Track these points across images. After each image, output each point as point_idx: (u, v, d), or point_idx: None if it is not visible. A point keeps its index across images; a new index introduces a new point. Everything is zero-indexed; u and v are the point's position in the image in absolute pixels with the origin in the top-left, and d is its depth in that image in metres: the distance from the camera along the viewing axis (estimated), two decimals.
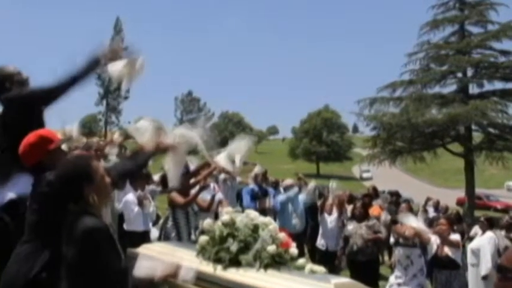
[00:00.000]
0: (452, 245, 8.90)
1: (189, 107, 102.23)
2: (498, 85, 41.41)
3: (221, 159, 6.79)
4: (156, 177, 11.50)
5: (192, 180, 7.94)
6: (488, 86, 41.14)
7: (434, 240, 9.02)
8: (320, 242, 12.24)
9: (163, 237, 7.63)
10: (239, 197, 14.05)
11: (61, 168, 3.39)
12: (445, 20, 43.24)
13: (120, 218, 10.21)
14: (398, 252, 9.52)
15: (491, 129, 40.66)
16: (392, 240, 9.78)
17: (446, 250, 8.91)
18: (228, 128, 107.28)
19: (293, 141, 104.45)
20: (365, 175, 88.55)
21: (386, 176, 64.91)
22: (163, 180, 7.95)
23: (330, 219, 12.19)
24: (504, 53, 41.02)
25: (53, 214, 3.55)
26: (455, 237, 9.07)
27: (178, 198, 7.56)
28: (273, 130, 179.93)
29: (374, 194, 14.86)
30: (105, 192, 3.44)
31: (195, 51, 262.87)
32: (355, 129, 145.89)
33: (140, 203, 10.03)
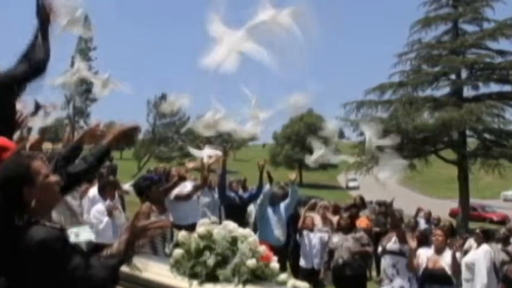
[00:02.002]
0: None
1: (163, 111, 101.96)
2: (494, 87, 41.68)
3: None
4: (126, 185, 11.50)
5: (164, 189, 7.98)
6: (483, 89, 41.44)
7: (425, 252, 9.11)
8: (302, 262, 12.29)
9: (136, 250, 7.61)
10: None
11: None
12: (438, 18, 43.41)
13: None
14: (384, 261, 9.60)
15: (486, 135, 40.93)
16: (380, 249, 9.86)
17: (441, 263, 8.99)
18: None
19: (274, 147, 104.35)
20: (351, 184, 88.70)
21: (374, 185, 65.20)
22: (137, 188, 7.95)
23: (312, 236, 12.22)
24: (501, 53, 41.27)
25: None
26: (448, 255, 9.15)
27: (153, 208, 7.57)
28: (253, 136, 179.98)
29: (361, 204, 14.94)
30: (51, 195, 3.34)
31: (169, 49, 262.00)
32: (341, 135, 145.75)
33: (110, 213, 10.00)
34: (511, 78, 40.68)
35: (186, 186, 10.90)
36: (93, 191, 10.50)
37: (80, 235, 7.91)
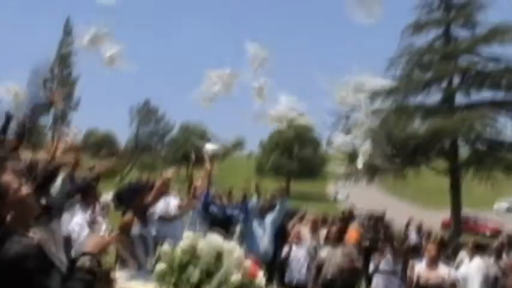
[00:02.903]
0: None
1: (146, 118, 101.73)
2: (487, 95, 41.79)
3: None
4: (106, 196, 11.45)
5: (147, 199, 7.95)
6: (476, 96, 41.53)
7: (417, 267, 9.12)
8: (289, 279, 12.27)
9: (119, 264, 7.59)
10: None
11: None
12: (430, 22, 43.53)
13: (67, 242, 10.11)
14: (376, 280, 9.59)
15: (479, 144, 41.07)
16: (372, 267, 9.85)
17: (434, 278, 9.00)
18: (190, 142, 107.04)
19: (261, 156, 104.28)
20: (340, 195, 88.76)
21: (363, 196, 65.28)
22: (119, 198, 7.92)
23: (300, 249, 12.21)
24: (494, 59, 41.41)
25: None
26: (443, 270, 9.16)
27: (136, 220, 7.54)
28: (239, 144, 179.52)
29: (350, 216, 14.95)
30: (25, 208, 3.33)
31: (152, 55, 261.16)
32: (330, 143, 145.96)
33: (91, 225, 9.95)
34: (504, 85, 40.75)
35: (170, 204, 10.73)
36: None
37: None
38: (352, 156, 43.55)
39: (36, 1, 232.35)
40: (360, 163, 6.39)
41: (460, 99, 42.03)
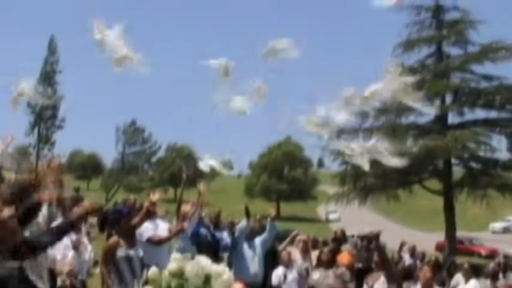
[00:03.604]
0: None
1: (133, 139, 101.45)
2: (480, 113, 41.92)
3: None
4: (91, 219, 11.39)
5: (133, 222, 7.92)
6: (469, 115, 41.64)
7: None
8: None
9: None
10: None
11: None
12: (421, 40, 43.68)
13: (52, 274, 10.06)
14: None
15: (473, 164, 41.16)
16: None
17: None
18: (176, 163, 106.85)
19: (250, 177, 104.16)
20: (331, 216, 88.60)
21: (355, 218, 65.18)
22: (102, 222, 7.89)
23: (290, 272, 12.15)
24: (486, 77, 41.57)
25: None
26: None
27: (121, 242, 7.51)
28: (228, 165, 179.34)
29: (342, 238, 14.89)
30: (5, 231, 3.32)
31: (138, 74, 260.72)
32: (321, 164, 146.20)
33: (75, 247, 9.92)
34: (497, 103, 40.89)
35: (159, 226, 10.63)
36: (56, 224, 10.38)
37: None
38: (344, 177, 43.72)
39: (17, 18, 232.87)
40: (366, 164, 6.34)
41: (453, 118, 42.16)
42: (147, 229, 9.57)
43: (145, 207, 8.07)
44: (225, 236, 13.24)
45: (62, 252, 9.88)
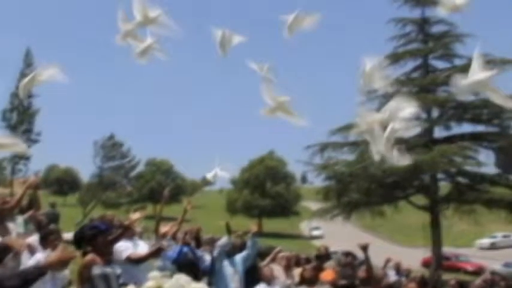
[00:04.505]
0: None
1: (111, 153, 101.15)
2: (467, 128, 42.02)
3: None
4: (68, 235, 11.32)
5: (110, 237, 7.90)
6: (455, 129, 41.75)
7: None
8: None
9: None
10: None
11: None
12: (407, 53, 43.77)
13: None
14: None
15: (460, 179, 41.26)
16: None
17: None
18: (156, 178, 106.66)
19: (232, 193, 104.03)
20: (315, 233, 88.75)
21: (339, 234, 65.25)
22: (77, 239, 7.84)
23: None
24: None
25: None
26: None
27: (97, 260, 7.47)
28: (209, 180, 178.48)
29: (325, 255, 14.89)
30: None
31: (118, 87, 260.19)
32: (304, 179, 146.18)
33: None
34: (484, 117, 41.03)
35: (139, 246, 10.57)
36: (32, 240, 10.32)
37: None
38: (328, 193, 43.70)
39: None
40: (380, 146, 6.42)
41: (439, 132, 42.26)
42: (126, 248, 9.52)
43: (124, 226, 8.06)
44: (206, 258, 13.15)
45: None
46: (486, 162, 40.79)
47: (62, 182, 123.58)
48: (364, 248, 10.21)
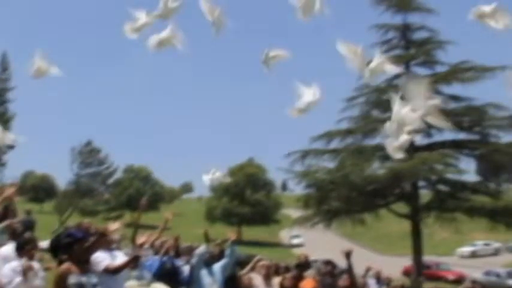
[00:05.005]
0: None
1: (88, 160, 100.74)
2: (448, 135, 42.13)
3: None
4: (44, 243, 11.28)
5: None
6: (437, 136, 41.82)
7: None
8: None
9: None
10: None
11: None
12: (389, 60, 43.66)
13: None
14: None
15: (441, 186, 41.38)
16: None
17: None
18: (134, 185, 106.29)
19: (211, 200, 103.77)
20: (295, 241, 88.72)
21: (320, 242, 65.35)
22: (53, 248, 7.78)
23: None
24: (454, 98, 41.87)
25: None
26: None
27: (73, 269, 7.41)
28: (188, 187, 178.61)
29: (305, 263, 14.89)
30: None
31: (95, 93, 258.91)
32: (284, 186, 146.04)
33: (24, 273, 9.76)
34: (465, 125, 41.18)
35: (117, 257, 10.51)
36: (7, 248, 10.23)
37: None
38: (308, 200, 43.70)
39: None
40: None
41: (420, 139, 42.30)
42: (103, 259, 9.46)
43: (102, 236, 8.00)
44: (185, 267, 13.10)
45: (8, 277, 9.72)
46: (467, 169, 41.01)
47: (38, 189, 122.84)
48: (348, 254, 10.22)
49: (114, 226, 8.72)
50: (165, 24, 7.38)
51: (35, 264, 10.22)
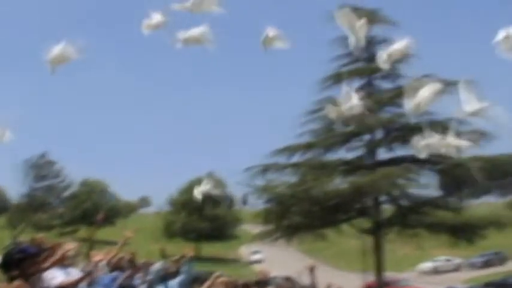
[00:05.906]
0: None
1: (43, 172, 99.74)
2: (410, 150, 42.30)
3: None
4: None
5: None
6: (399, 151, 42.03)
7: None
8: None
9: None
10: None
11: None
12: (351, 73, 43.75)
13: None
14: None
15: (402, 201, 41.57)
16: None
17: None
18: (91, 198, 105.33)
19: (169, 215, 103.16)
20: (255, 257, 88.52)
21: (280, 259, 65.27)
22: (5, 264, 7.67)
23: None
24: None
25: None
26: None
27: (24, 286, 7.32)
28: (145, 201, 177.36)
29: (264, 280, 14.88)
30: None
31: (50, 103, 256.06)
32: (244, 201, 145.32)
33: None
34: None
35: (70, 274, 10.41)
36: None
37: None
38: (268, 215, 43.63)
39: None
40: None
41: (382, 154, 42.48)
42: (57, 275, 9.36)
43: (59, 255, 7.91)
44: (139, 282, 12.98)
45: None
46: (429, 184, 41.23)
47: None
48: (311, 269, 10.24)
49: (69, 246, 8.63)
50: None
51: None
